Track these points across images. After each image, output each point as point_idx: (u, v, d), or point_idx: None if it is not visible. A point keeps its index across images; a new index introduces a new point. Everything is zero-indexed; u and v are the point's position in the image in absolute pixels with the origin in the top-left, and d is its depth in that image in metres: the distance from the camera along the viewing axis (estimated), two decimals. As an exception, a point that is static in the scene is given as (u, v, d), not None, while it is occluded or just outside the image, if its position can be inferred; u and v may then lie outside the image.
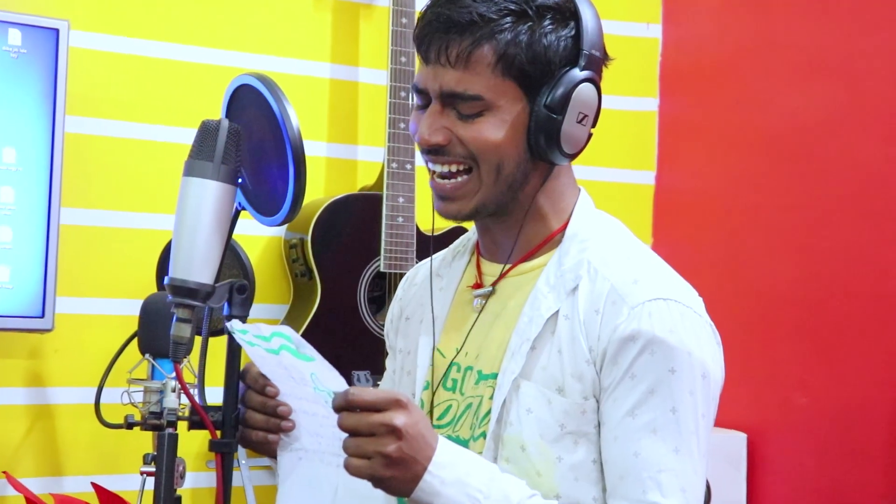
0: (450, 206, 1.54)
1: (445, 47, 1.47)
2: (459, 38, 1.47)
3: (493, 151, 1.49)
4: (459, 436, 1.55)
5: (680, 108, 3.39)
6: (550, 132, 1.49)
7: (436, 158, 1.52)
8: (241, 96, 1.52)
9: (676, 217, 3.38)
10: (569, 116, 1.49)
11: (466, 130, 1.49)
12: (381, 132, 2.85)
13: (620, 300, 1.47)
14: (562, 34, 1.49)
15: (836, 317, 2.86)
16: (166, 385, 2.25)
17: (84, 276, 2.71)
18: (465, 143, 1.49)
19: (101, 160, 2.74)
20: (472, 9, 1.46)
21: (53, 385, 2.69)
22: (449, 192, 1.53)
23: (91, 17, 2.73)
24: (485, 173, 1.50)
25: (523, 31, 1.47)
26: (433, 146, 1.51)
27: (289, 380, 1.44)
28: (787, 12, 3.07)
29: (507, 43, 1.46)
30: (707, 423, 1.47)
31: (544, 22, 1.48)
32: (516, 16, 1.47)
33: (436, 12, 1.49)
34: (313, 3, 2.99)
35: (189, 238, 1.41)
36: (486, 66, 1.47)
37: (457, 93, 1.48)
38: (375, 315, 2.83)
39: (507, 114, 1.49)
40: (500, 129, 1.49)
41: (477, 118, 1.49)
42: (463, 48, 1.47)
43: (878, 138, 2.80)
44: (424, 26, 1.50)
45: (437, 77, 1.49)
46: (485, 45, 1.46)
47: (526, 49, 1.47)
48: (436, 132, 1.50)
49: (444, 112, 1.50)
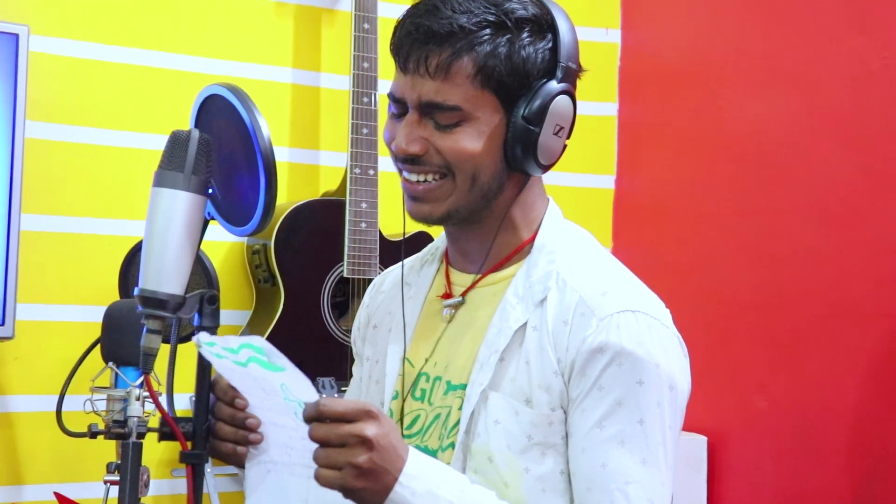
0: (421, 207, 1.53)
1: (425, 58, 1.48)
2: (439, 49, 1.47)
3: (470, 162, 1.50)
4: (428, 446, 1.55)
5: (639, 112, 3.42)
6: (527, 144, 1.49)
7: (412, 168, 1.52)
8: (210, 106, 1.52)
9: (636, 221, 3.40)
10: (546, 128, 1.49)
11: (444, 141, 1.49)
12: (343, 137, 2.85)
13: (589, 312, 1.48)
14: (539, 46, 1.50)
15: (796, 321, 2.88)
16: (130, 393, 2.23)
17: (45, 283, 2.69)
18: (442, 153, 1.50)
19: (61, 166, 2.71)
20: (451, 20, 1.47)
21: (13, 393, 2.66)
22: (421, 193, 1.52)
23: (51, 21, 2.71)
24: (460, 181, 1.51)
25: (502, 44, 1.48)
26: (410, 156, 1.51)
27: (258, 391, 1.43)
28: (745, 19, 3.10)
29: (487, 55, 1.47)
30: (674, 434, 1.48)
31: (522, 34, 1.49)
32: (495, 27, 1.48)
33: (415, 23, 1.49)
34: (275, 8, 2.99)
35: (159, 249, 1.41)
36: (466, 77, 1.47)
37: (436, 103, 1.48)
38: (338, 320, 2.83)
39: (484, 125, 1.49)
40: (478, 139, 1.49)
41: (454, 128, 1.49)
42: (443, 59, 1.47)
43: (836, 144, 2.82)
44: (403, 36, 1.50)
45: (416, 87, 1.49)
46: (464, 57, 1.47)
47: (505, 61, 1.48)
48: (413, 142, 1.50)
49: (422, 122, 1.50)
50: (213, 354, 1.41)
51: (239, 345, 1.39)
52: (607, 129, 3.42)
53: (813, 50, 2.89)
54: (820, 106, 2.87)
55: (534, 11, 1.51)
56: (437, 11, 1.48)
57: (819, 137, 2.87)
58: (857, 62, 2.77)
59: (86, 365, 2.38)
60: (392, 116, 1.55)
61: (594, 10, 3.40)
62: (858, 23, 2.79)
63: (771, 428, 2.92)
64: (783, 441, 2.89)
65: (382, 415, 1.35)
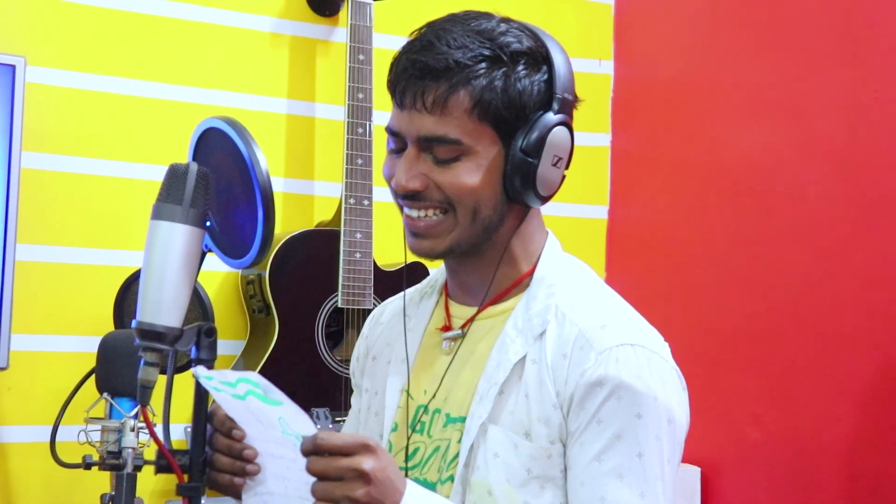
0: (423, 244, 1.54)
1: (422, 93, 1.49)
2: (436, 84, 1.48)
3: (470, 196, 1.50)
4: (427, 478, 1.55)
5: (632, 143, 3.43)
6: (526, 175, 1.50)
7: (412, 203, 1.53)
8: (208, 139, 1.53)
9: (629, 251, 3.41)
10: (544, 160, 1.51)
11: (443, 176, 1.50)
12: (338, 167, 2.86)
13: (588, 345, 1.48)
14: (535, 79, 1.51)
15: (789, 352, 2.89)
16: (125, 424, 2.22)
17: (39, 313, 2.68)
18: (442, 188, 1.51)
19: (57, 196, 2.71)
20: (447, 55, 1.48)
21: (7, 423, 2.65)
22: (422, 229, 1.53)
23: (48, 52, 2.71)
24: (461, 215, 1.52)
25: (498, 77, 1.49)
26: (410, 192, 1.52)
27: (256, 423, 1.44)
28: (737, 50, 3.12)
29: (483, 88, 1.48)
30: (672, 467, 1.49)
31: (518, 67, 1.50)
32: (490, 61, 1.49)
33: (411, 59, 1.50)
34: (270, 39, 3.00)
35: (157, 281, 1.41)
36: (463, 111, 1.49)
37: (436, 136, 1.49)
38: (333, 350, 2.83)
39: (483, 158, 1.50)
40: (477, 173, 1.50)
41: (453, 163, 1.50)
42: (439, 94, 1.48)
43: (828, 175, 2.84)
44: (400, 72, 1.51)
45: (414, 122, 1.50)
46: (461, 91, 1.48)
47: (501, 94, 1.49)
48: (413, 178, 1.51)
49: (421, 157, 1.51)
50: (211, 387, 1.42)
51: (236, 379, 1.39)
52: (600, 160, 3.44)
53: (805, 81, 2.91)
54: (812, 137, 2.88)
55: (528, 44, 1.52)
56: (432, 47, 1.49)
57: (811, 168, 2.88)
58: (850, 94, 2.78)
59: (80, 395, 2.38)
60: (391, 152, 1.56)
61: (587, 42, 3.43)
62: (851, 55, 2.81)
63: (765, 458, 2.92)
64: (777, 472, 2.89)
65: (380, 448, 1.35)
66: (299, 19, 3.03)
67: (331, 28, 3.07)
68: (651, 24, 3.44)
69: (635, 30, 3.46)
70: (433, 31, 1.52)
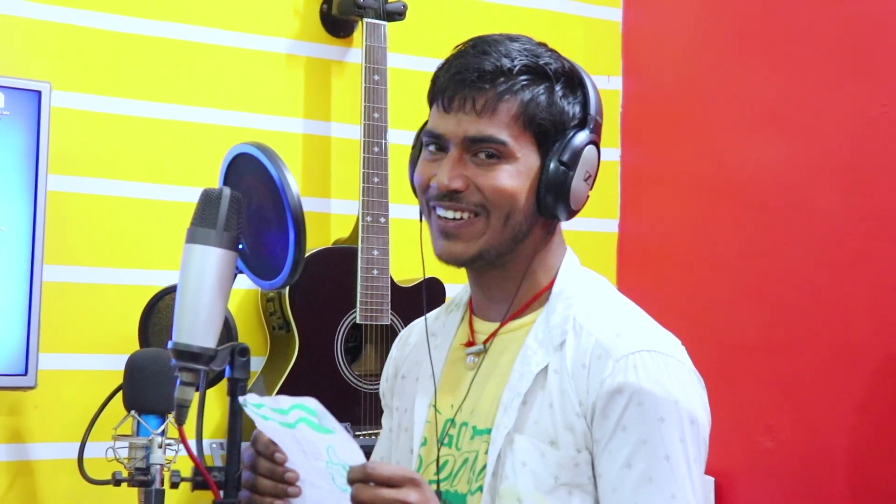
0: (454, 246, 1.58)
1: (472, 97, 1.55)
2: (486, 90, 1.55)
3: (507, 200, 1.55)
4: (457, 490, 1.59)
5: (641, 157, 3.46)
6: (562, 187, 1.56)
7: (448, 204, 1.57)
8: (238, 164, 1.57)
9: (640, 264, 3.44)
10: (578, 174, 1.56)
11: (484, 178, 1.55)
12: (354, 185, 2.90)
13: (605, 354, 1.53)
14: (572, 99, 1.59)
15: (800, 362, 2.91)
16: (152, 441, 2.27)
17: (66, 333, 2.71)
18: (482, 190, 1.55)
19: (82, 217, 2.75)
20: (500, 64, 1.55)
21: (35, 441, 2.69)
22: (453, 228, 1.57)
23: (72, 76, 2.76)
24: (494, 219, 1.56)
25: (541, 91, 1.56)
26: (451, 191, 1.56)
27: (299, 453, 1.46)
28: (746, 65, 3.14)
29: (530, 100, 1.55)
30: (699, 466, 1.53)
31: (557, 86, 1.57)
32: (534, 74, 1.56)
33: (463, 63, 1.56)
34: (286, 60, 3.05)
35: (193, 303, 1.45)
36: (511, 116, 1.55)
37: (484, 137, 1.55)
38: (351, 365, 2.87)
39: (522, 165, 1.56)
40: (516, 178, 1.56)
41: (496, 165, 1.55)
42: (489, 98, 1.55)
43: (836, 189, 2.86)
44: (452, 76, 1.57)
45: (461, 124, 1.56)
46: (510, 98, 1.55)
47: (545, 108, 1.56)
48: (455, 178, 1.56)
49: (462, 159, 1.56)
50: (259, 416, 1.44)
51: (290, 405, 1.42)
52: (610, 174, 3.47)
53: (813, 96, 2.93)
54: (820, 151, 2.91)
55: (567, 66, 1.60)
56: (485, 55, 1.56)
57: (820, 182, 2.90)
58: (857, 108, 2.81)
59: (106, 413, 2.42)
60: (428, 156, 1.60)
61: (596, 58, 3.47)
62: (858, 69, 2.84)
63: (778, 468, 2.94)
64: (790, 481, 2.91)
65: (424, 483, 1.40)
66: (314, 41, 3.08)
67: (345, 49, 3.12)
68: (659, 41, 3.47)
69: (643, 46, 3.49)
70: (484, 42, 1.58)
